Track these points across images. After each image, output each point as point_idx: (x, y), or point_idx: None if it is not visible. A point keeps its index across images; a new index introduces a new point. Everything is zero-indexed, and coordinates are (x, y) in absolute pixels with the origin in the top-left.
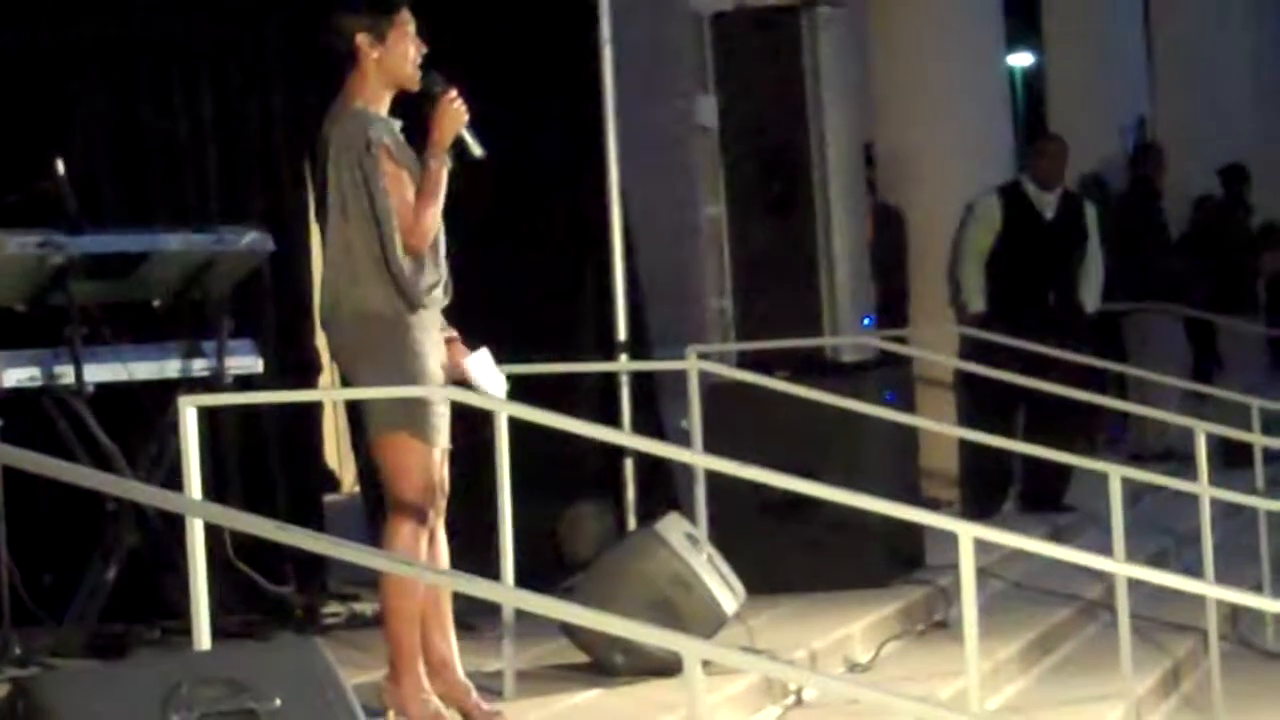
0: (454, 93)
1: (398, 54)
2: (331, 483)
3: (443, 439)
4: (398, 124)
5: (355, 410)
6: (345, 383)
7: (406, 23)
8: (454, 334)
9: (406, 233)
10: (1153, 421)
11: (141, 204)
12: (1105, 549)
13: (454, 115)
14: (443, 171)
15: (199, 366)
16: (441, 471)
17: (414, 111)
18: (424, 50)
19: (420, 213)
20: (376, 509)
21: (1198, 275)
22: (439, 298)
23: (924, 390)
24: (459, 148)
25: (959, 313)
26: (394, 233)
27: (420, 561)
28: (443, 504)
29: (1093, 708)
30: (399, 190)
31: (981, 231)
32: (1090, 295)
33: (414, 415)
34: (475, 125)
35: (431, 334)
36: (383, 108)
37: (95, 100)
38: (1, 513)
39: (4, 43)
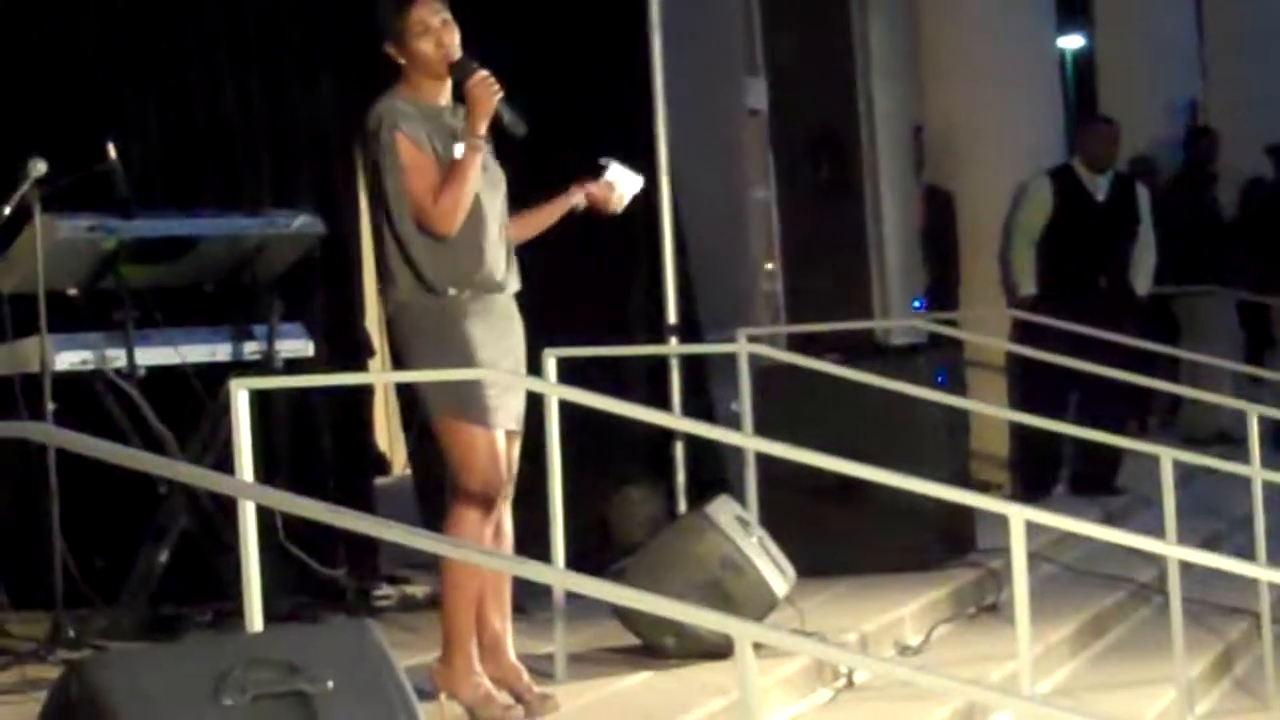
0: (483, 73)
1: (416, 50)
2: (382, 465)
3: (505, 420)
4: (437, 108)
5: (406, 393)
6: (398, 366)
7: (424, 18)
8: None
9: (423, 215)
10: (1205, 404)
11: (193, 188)
12: (1157, 532)
13: (486, 94)
14: (473, 155)
15: (250, 350)
16: (511, 454)
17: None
18: (453, 36)
19: (440, 195)
20: (427, 491)
21: (1250, 258)
22: (488, 283)
23: (974, 373)
24: (498, 125)
25: (1009, 295)
26: (404, 218)
27: (471, 544)
28: (510, 489)
29: (1144, 691)
30: (419, 174)
31: (1033, 214)
32: (1142, 278)
33: (464, 399)
34: (524, 108)
35: (484, 320)
36: (435, 97)
37: (147, 84)
38: (55, 495)
39: (57, 27)
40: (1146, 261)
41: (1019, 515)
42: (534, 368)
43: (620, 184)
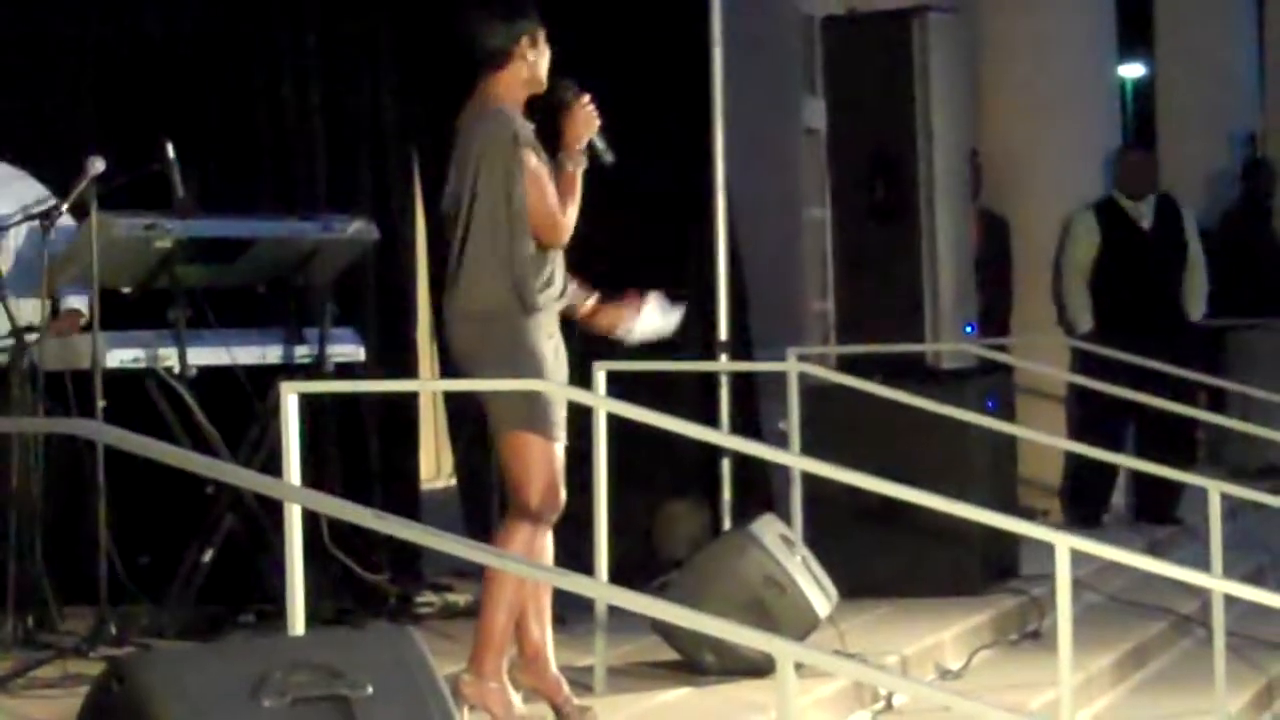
0: (586, 98)
1: (545, 58)
2: (429, 473)
3: (563, 434)
4: (530, 126)
5: (456, 402)
6: (455, 375)
7: (539, 37)
8: (594, 298)
9: (547, 230)
10: (1254, 437)
11: (250, 190)
12: (1202, 563)
13: (588, 119)
14: (578, 174)
15: (301, 353)
16: (560, 466)
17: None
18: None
19: (564, 208)
20: (472, 500)
21: None
22: (554, 298)
23: (1025, 399)
24: (590, 152)
25: (1067, 332)
26: (524, 233)
27: (514, 555)
28: (562, 502)
29: None
30: (540, 187)
31: (1082, 248)
32: (1196, 302)
33: (535, 413)
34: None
35: (545, 333)
36: (520, 110)
37: (207, 85)
38: (103, 493)
39: (116, 28)
40: (1198, 284)
41: (1064, 543)
42: (584, 380)
43: (647, 317)
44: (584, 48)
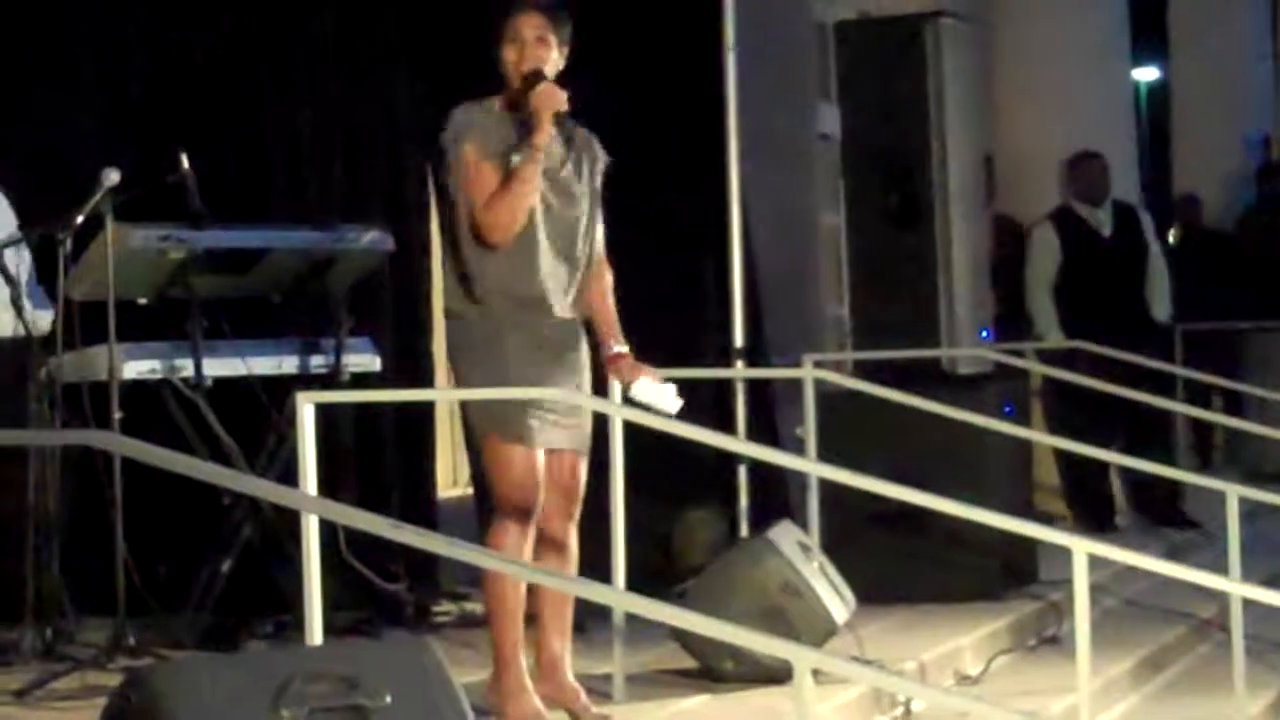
0: (547, 83)
1: (502, 56)
2: (446, 482)
3: (547, 440)
4: (499, 119)
5: (465, 410)
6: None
7: (518, 28)
8: (622, 350)
9: (480, 228)
10: (1270, 439)
11: (264, 200)
12: (1220, 567)
13: (543, 105)
14: (528, 166)
15: (317, 363)
16: (566, 475)
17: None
18: (541, 51)
19: (487, 205)
20: (487, 509)
21: None
22: (535, 301)
23: (1039, 404)
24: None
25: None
26: (459, 227)
27: (527, 562)
28: (572, 509)
29: None
30: (470, 184)
31: (1044, 261)
32: (1162, 304)
33: (498, 418)
34: (596, 128)
35: (530, 338)
36: (520, 108)
37: (221, 95)
38: (119, 503)
39: (130, 38)
40: (1162, 287)
41: (1082, 548)
42: (602, 388)
43: (651, 386)
44: (598, 55)
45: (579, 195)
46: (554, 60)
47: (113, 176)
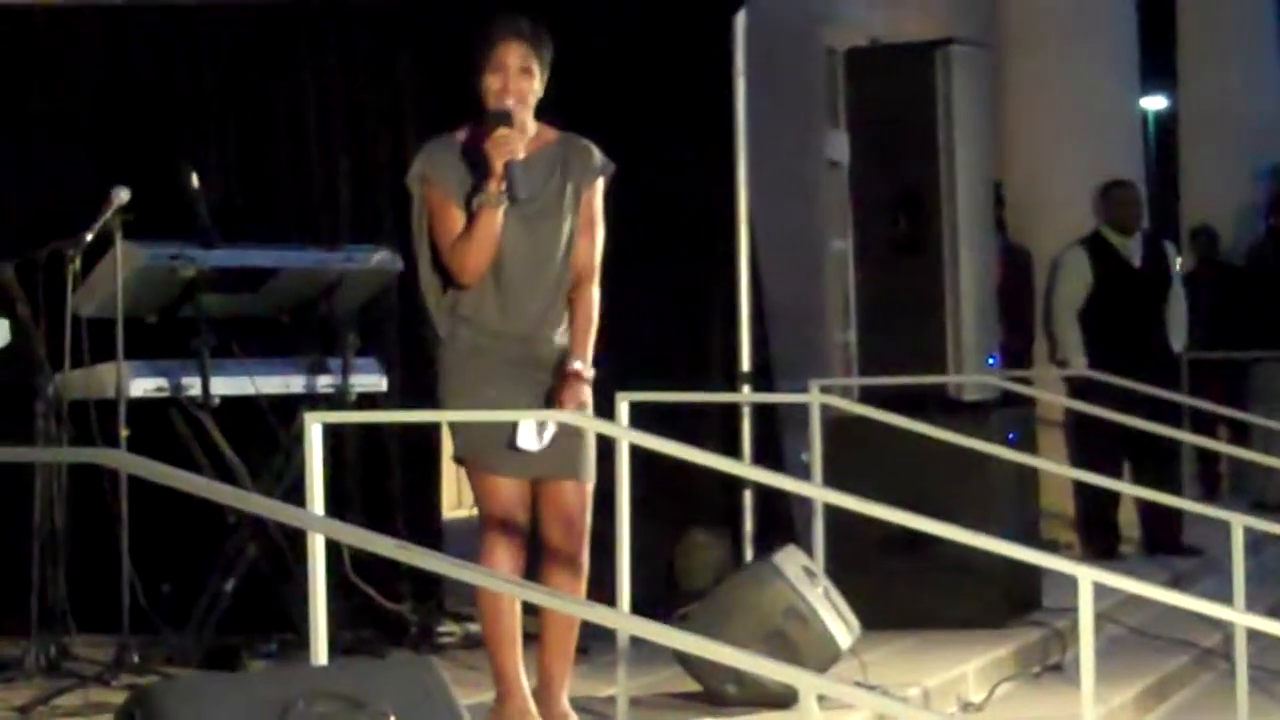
0: (502, 132)
1: (482, 84)
2: (451, 502)
3: (525, 468)
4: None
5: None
6: None
7: (502, 56)
8: (577, 368)
9: (449, 268)
10: (1275, 471)
11: (273, 219)
12: (1224, 597)
13: (495, 154)
14: (485, 212)
15: (324, 383)
16: (563, 504)
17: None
18: (524, 83)
19: (452, 249)
20: None
21: None
22: (502, 329)
23: (1046, 431)
24: (508, 185)
25: (1059, 368)
26: (420, 260)
27: (532, 584)
28: (573, 538)
29: None
30: (445, 225)
31: (1074, 286)
32: (1180, 334)
33: (470, 445)
34: (606, 152)
35: (498, 366)
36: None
37: (230, 114)
38: (125, 521)
39: (140, 58)
40: (1180, 317)
41: (1088, 576)
42: (607, 411)
43: (527, 429)
44: (606, 81)
45: (555, 220)
46: (535, 90)
47: (123, 195)
